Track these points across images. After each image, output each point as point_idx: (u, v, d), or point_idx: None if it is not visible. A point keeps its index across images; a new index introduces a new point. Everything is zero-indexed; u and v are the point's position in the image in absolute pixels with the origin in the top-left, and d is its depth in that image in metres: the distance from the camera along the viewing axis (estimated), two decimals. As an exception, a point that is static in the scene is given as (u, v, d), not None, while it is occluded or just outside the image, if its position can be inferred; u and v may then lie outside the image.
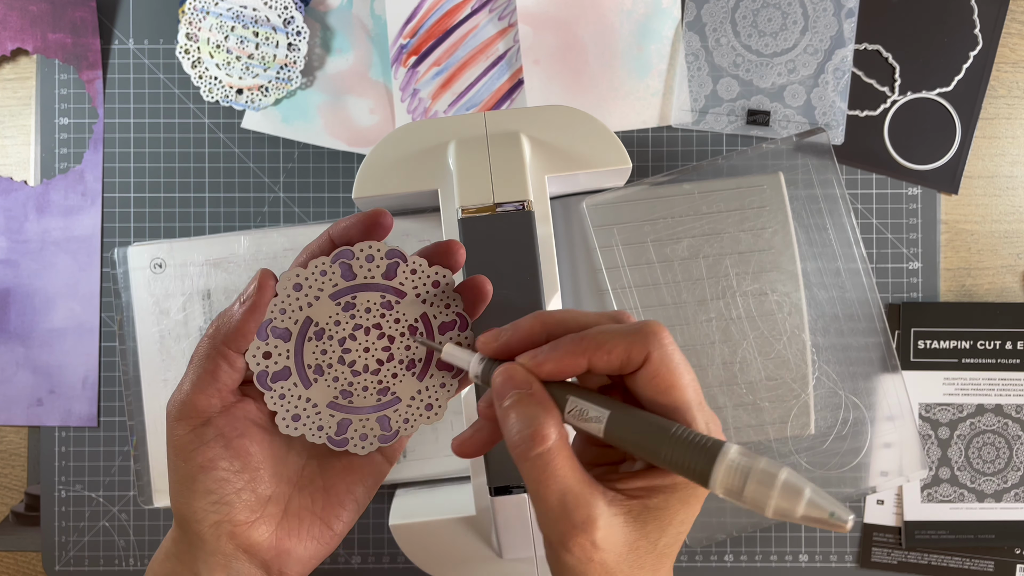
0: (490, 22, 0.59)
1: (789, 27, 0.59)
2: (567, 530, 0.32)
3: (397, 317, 0.37)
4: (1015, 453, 0.59)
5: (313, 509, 0.38)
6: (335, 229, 0.38)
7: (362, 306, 0.37)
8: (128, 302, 0.57)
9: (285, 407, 0.37)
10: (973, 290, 0.60)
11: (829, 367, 0.57)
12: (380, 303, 0.37)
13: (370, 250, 0.37)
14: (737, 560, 0.60)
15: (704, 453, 0.30)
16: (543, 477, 0.32)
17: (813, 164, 0.58)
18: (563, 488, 0.32)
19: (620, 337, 0.32)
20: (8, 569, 0.60)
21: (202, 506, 0.36)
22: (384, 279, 0.37)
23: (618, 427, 0.32)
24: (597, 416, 0.32)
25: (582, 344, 0.32)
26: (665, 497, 0.33)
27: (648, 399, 0.32)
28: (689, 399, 0.32)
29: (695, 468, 0.30)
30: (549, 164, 0.50)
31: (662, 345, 0.32)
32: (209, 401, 0.36)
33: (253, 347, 0.36)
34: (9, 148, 0.61)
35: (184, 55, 0.58)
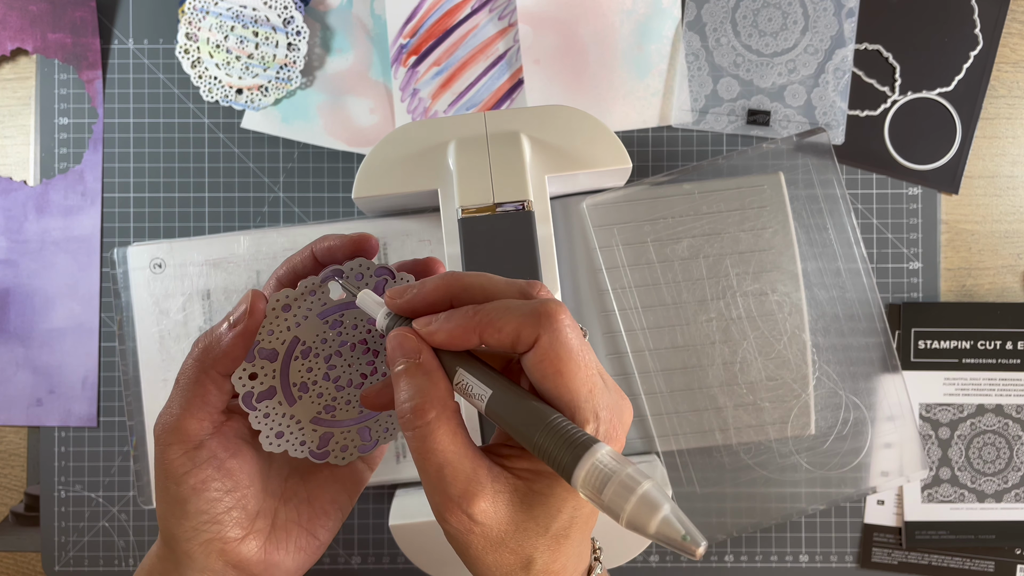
0: (490, 22, 0.59)
1: (789, 27, 0.59)
2: (444, 502, 0.32)
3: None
4: (1015, 453, 0.59)
5: (299, 521, 0.38)
6: (319, 247, 0.37)
7: (349, 323, 0.37)
8: (128, 302, 0.57)
9: (269, 425, 0.37)
10: (973, 290, 0.60)
11: (829, 367, 0.57)
12: (367, 319, 0.37)
13: (360, 268, 0.37)
14: (737, 560, 0.59)
15: (572, 449, 0.29)
16: (422, 448, 0.32)
17: (813, 164, 0.58)
18: (441, 461, 0.31)
19: (513, 315, 0.31)
20: (8, 569, 0.60)
21: (193, 525, 0.36)
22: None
23: (498, 408, 0.31)
24: (480, 394, 0.32)
25: (475, 319, 0.32)
26: (549, 483, 0.32)
27: (536, 382, 0.32)
28: (575, 387, 0.31)
29: (562, 462, 0.30)
30: (549, 164, 0.50)
31: (553, 329, 0.31)
32: (201, 424, 0.36)
33: (239, 369, 0.36)
34: (9, 148, 0.61)
35: (184, 55, 0.58)
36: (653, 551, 0.60)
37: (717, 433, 0.56)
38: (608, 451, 0.29)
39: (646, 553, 0.60)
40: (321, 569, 0.60)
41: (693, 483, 0.57)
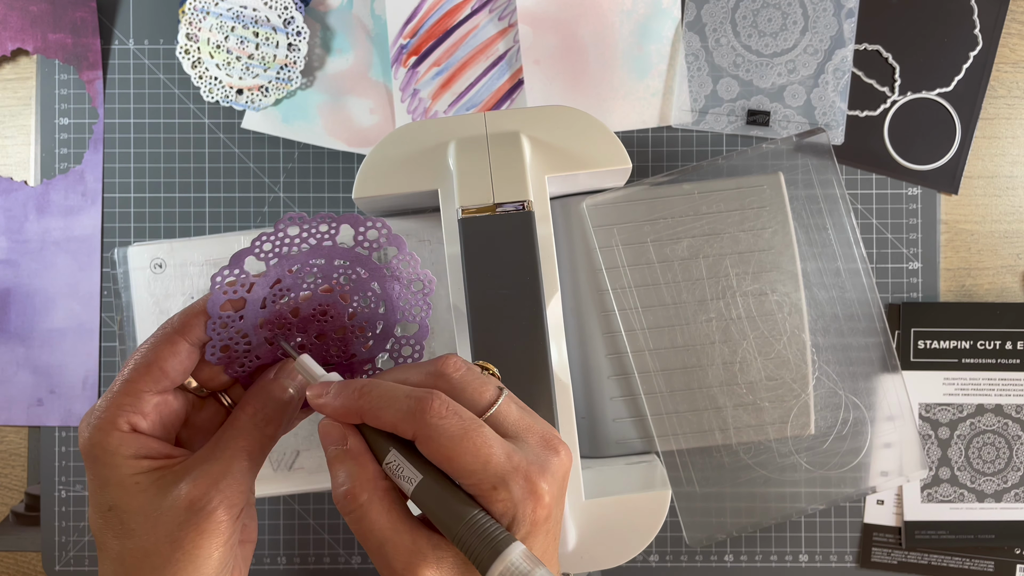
0: (490, 22, 0.59)
1: (789, 27, 0.59)
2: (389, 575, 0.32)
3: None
4: (1015, 453, 0.59)
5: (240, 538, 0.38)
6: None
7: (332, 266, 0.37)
8: (128, 302, 0.57)
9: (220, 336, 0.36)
10: (973, 290, 0.60)
11: (829, 367, 0.57)
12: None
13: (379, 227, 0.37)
14: (737, 560, 0.60)
15: (489, 548, 0.31)
16: (361, 529, 0.33)
17: (813, 164, 0.58)
18: (380, 539, 0.32)
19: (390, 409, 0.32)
20: (8, 569, 0.60)
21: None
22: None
23: (424, 496, 0.33)
24: (409, 478, 0.33)
25: (358, 403, 0.33)
26: None
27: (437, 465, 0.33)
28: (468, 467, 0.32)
29: (479, 559, 0.31)
30: (549, 164, 0.50)
31: (426, 424, 0.32)
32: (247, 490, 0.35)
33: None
34: (9, 148, 0.61)
35: (184, 55, 0.58)
36: (653, 551, 0.60)
37: (717, 433, 0.56)
38: (522, 552, 0.30)
39: (646, 553, 0.60)
40: (321, 569, 0.60)
41: (693, 483, 0.57)
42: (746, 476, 0.57)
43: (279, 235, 0.36)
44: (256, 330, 0.37)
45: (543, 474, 0.33)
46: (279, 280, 0.36)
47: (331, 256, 0.37)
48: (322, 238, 0.36)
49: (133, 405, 0.35)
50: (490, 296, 0.47)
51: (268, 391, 0.36)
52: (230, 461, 0.34)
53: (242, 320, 0.36)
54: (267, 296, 0.36)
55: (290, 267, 0.36)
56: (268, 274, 0.36)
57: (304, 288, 0.37)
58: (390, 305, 0.37)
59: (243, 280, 0.36)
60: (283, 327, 0.37)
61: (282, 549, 0.60)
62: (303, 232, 0.36)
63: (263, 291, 0.36)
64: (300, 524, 0.60)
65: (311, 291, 0.37)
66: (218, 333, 0.36)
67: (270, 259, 0.36)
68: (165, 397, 0.36)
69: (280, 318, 0.37)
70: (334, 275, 0.37)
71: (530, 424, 0.35)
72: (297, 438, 0.55)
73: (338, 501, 0.33)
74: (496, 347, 0.46)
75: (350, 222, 0.36)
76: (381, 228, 0.36)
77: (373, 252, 0.37)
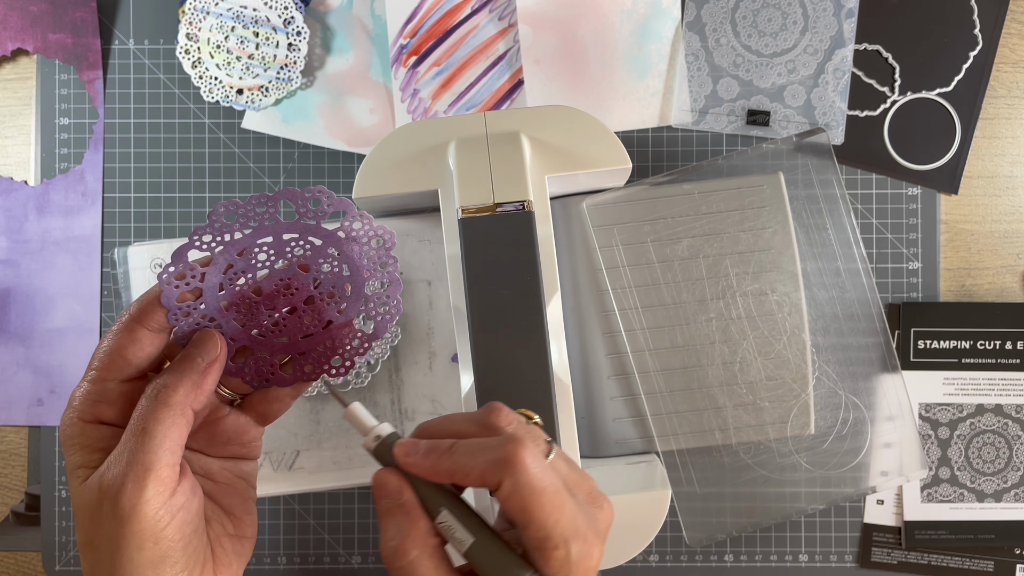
0: (490, 22, 0.59)
1: (789, 27, 0.59)
2: None
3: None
4: (1015, 453, 0.59)
5: (227, 532, 0.38)
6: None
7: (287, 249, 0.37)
8: (128, 302, 0.57)
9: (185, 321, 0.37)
10: (973, 290, 0.60)
11: (829, 367, 0.57)
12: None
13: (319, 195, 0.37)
14: (737, 560, 0.60)
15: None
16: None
17: (813, 164, 0.58)
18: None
19: (478, 462, 0.33)
20: (8, 569, 0.60)
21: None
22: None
23: (476, 556, 0.33)
24: (461, 539, 0.33)
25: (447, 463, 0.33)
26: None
27: (510, 516, 0.33)
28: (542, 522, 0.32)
29: None
30: (549, 164, 0.50)
31: (515, 473, 0.32)
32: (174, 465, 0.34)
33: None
34: (9, 148, 0.61)
35: (184, 55, 0.58)
36: (653, 551, 0.60)
37: (717, 433, 0.56)
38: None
39: (646, 553, 0.60)
40: (321, 569, 0.60)
41: (693, 483, 0.57)
42: (746, 476, 0.57)
43: (215, 225, 0.36)
44: (221, 313, 0.37)
45: (597, 535, 0.34)
46: (231, 265, 0.37)
47: (277, 232, 0.37)
48: (262, 218, 0.36)
49: (98, 395, 0.35)
50: (490, 296, 0.47)
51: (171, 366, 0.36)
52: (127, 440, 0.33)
53: (203, 306, 0.37)
54: (222, 281, 0.37)
55: (238, 251, 0.37)
56: (217, 261, 0.36)
57: (259, 267, 0.37)
58: (353, 266, 0.37)
59: (193, 271, 0.36)
60: (249, 307, 0.37)
61: (282, 549, 0.60)
62: (240, 217, 0.36)
63: (216, 277, 0.37)
64: (300, 524, 0.60)
65: (268, 268, 0.37)
66: (182, 321, 0.36)
67: (214, 248, 0.36)
68: (134, 385, 0.35)
69: (243, 298, 0.37)
70: (286, 249, 0.37)
71: (578, 480, 0.35)
72: (297, 438, 0.55)
73: (387, 555, 0.33)
74: (496, 347, 0.46)
75: (288, 196, 0.37)
76: (321, 194, 0.36)
77: (320, 220, 0.37)
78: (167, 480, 0.33)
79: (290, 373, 0.39)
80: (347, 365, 0.39)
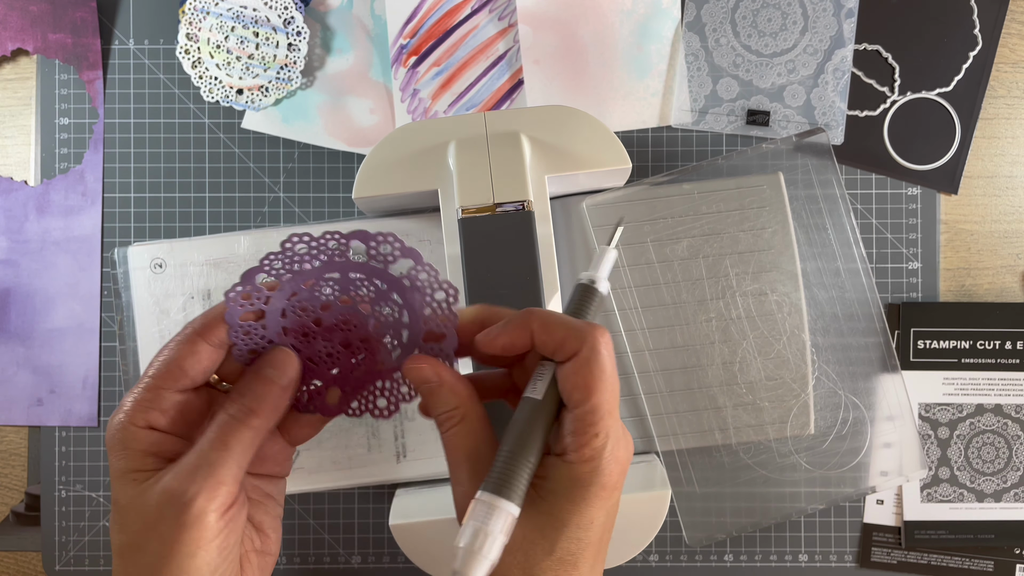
0: (490, 22, 0.59)
1: (789, 27, 0.59)
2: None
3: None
4: (1015, 453, 0.59)
5: (254, 548, 0.38)
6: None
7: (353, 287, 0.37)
8: (128, 302, 0.57)
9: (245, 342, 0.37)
10: (973, 290, 0.60)
11: (829, 367, 0.57)
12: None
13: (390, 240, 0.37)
14: (737, 560, 0.60)
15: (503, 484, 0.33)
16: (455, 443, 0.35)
17: (813, 164, 0.58)
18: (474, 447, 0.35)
19: (563, 325, 0.34)
20: (8, 569, 0.60)
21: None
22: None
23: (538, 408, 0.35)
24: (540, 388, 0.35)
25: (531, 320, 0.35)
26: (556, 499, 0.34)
27: (566, 391, 0.34)
28: (599, 403, 0.34)
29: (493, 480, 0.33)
30: (549, 164, 0.50)
31: (595, 346, 0.34)
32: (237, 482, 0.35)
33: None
34: (9, 148, 0.61)
35: (184, 55, 0.58)
36: (653, 551, 0.60)
37: (717, 433, 0.56)
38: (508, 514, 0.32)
39: (646, 553, 0.60)
40: (321, 569, 0.60)
41: (693, 483, 0.57)
42: (746, 476, 0.57)
43: (287, 254, 0.36)
44: (280, 336, 0.37)
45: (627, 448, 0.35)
46: (295, 293, 0.37)
47: (345, 270, 0.37)
48: (332, 254, 0.37)
49: (152, 402, 0.35)
50: (490, 296, 0.47)
51: (248, 382, 0.36)
52: (205, 453, 0.34)
53: (265, 328, 0.37)
54: (286, 307, 0.37)
55: (305, 281, 0.37)
56: (283, 288, 0.37)
57: (322, 299, 0.37)
58: (413, 314, 0.37)
59: (259, 293, 0.36)
60: (307, 335, 0.38)
61: (282, 549, 0.60)
62: (312, 249, 0.37)
63: (281, 303, 0.37)
64: (300, 524, 0.60)
65: (331, 302, 0.37)
66: (241, 339, 0.37)
67: (282, 275, 0.37)
68: (187, 396, 0.36)
69: (303, 326, 0.37)
70: (351, 287, 0.37)
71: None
72: (297, 438, 0.55)
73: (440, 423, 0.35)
74: (496, 347, 0.46)
75: (360, 238, 0.37)
76: (393, 242, 0.36)
77: (388, 265, 0.37)
78: (234, 495, 0.34)
79: (335, 404, 0.39)
80: (391, 409, 0.39)
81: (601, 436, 0.33)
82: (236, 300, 0.36)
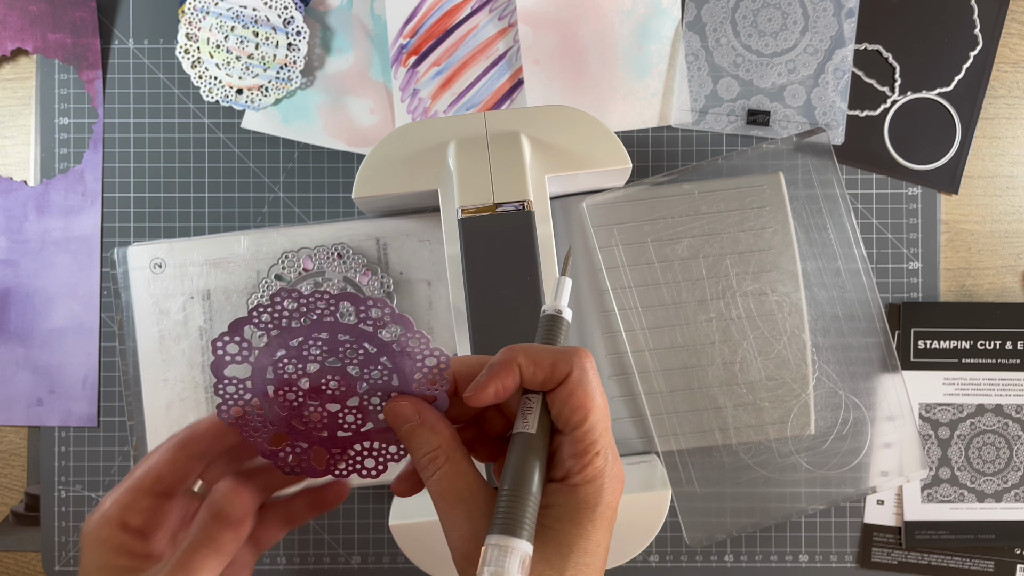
0: (490, 22, 0.59)
1: (789, 27, 0.59)
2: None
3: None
4: (1015, 453, 0.59)
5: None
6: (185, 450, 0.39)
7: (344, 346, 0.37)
8: (128, 302, 0.57)
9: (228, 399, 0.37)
10: (973, 290, 0.60)
11: (829, 367, 0.57)
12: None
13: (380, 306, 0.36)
14: (737, 560, 0.60)
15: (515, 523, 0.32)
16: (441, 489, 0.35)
17: (813, 164, 0.58)
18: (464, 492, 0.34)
19: (550, 352, 0.35)
20: (8, 569, 0.60)
21: None
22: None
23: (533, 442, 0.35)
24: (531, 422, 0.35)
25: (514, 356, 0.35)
26: (557, 517, 0.34)
27: (559, 415, 0.34)
28: (594, 423, 0.34)
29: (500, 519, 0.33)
30: (549, 164, 0.50)
31: (584, 366, 0.34)
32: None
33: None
34: (9, 148, 0.61)
35: (184, 55, 0.58)
36: (653, 551, 0.60)
37: (717, 433, 0.56)
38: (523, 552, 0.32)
39: (646, 553, 0.60)
40: (321, 569, 0.60)
41: (693, 483, 0.57)
42: (746, 476, 0.57)
43: (276, 308, 0.36)
44: (266, 397, 0.37)
45: (621, 465, 0.36)
46: (283, 350, 0.37)
47: (334, 331, 0.36)
48: (322, 314, 0.36)
49: (127, 503, 0.37)
50: (490, 296, 0.47)
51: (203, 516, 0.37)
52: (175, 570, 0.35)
53: (251, 385, 0.37)
54: (271, 365, 0.37)
55: (292, 339, 0.36)
56: (271, 344, 0.36)
57: (310, 360, 0.37)
58: (403, 378, 0.37)
59: (245, 347, 0.36)
60: (294, 396, 0.37)
61: (282, 549, 0.60)
62: (301, 307, 0.36)
63: (267, 360, 0.37)
64: (300, 524, 0.60)
65: (319, 363, 0.37)
66: (228, 394, 0.37)
67: (270, 330, 0.36)
68: (164, 502, 0.38)
69: (290, 386, 0.37)
70: (339, 349, 0.37)
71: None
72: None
73: (422, 467, 0.35)
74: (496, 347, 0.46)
75: (349, 300, 0.36)
76: (383, 307, 0.36)
77: (379, 329, 0.36)
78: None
79: (322, 467, 0.39)
80: (379, 469, 0.38)
81: (602, 454, 0.34)
82: (224, 352, 0.36)
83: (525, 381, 0.35)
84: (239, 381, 0.37)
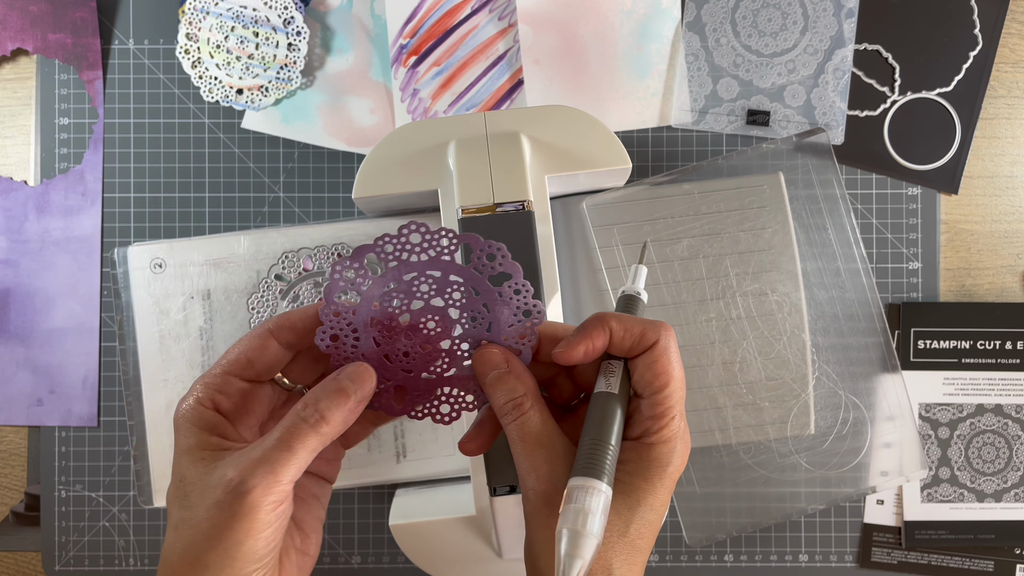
0: (490, 22, 0.59)
1: (789, 27, 0.59)
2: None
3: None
4: (1015, 453, 0.59)
5: (295, 546, 0.39)
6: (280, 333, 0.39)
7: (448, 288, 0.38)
8: (128, 302, 0.57)
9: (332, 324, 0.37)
10: (973, 290, 0.60)
11: (829, 367, 0.57)
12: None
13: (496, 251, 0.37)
14: (737, 560, 0.60)
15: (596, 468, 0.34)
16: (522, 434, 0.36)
17: (813, 164, 0.58)
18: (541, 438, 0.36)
19: (640, 321, 0.36)
20: (8, 569, 0.60)
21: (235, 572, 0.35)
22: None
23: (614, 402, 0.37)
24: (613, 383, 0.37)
25: (609, 319, 0.36)
26: (629, 471, 0.35)
27: (643, 380, 0.36)
28: (674, 389, 0.36)
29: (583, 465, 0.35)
30: (549, 164, 0.50)
31: (669, 336, 0.36)
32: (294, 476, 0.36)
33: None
34: (9, 148, 0.61)
35: (184, 55, 0.58)
36: (653, 551, 0.60)
37: (717, 433, 0.56)
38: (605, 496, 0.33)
39: (646, 553, 0.60)
40: (321, 569, 0.60)
41: (693, 483, 0.57)
42: (746, 476, 0.57)
43: (401, 239, 0.37)
44: (365, 327, 0.37)
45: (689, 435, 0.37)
46: (395, 283, 0.37)
47: (447, 271, 0.37)
48: (441, 251, 0.37)
49: (218, 386, 0.38)
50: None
51: (324, 389, 0.37)
52: (270, 450, 0.35)
53: (355, 314, 0.37)
54: (380, 297, 0.37)
55: (407, 273, 0.37)
56: (385, 276, 0.37)
57: (417, 297, 0.37)
58: (497, 328, 0.38)
59: (361, 275, 0.37)
60: (391, 329, 0.38)
61: (282, 549, 0.60)
62: (424, 242, 0.37)
63: (378, 291, 0.37)
64: (300, 524, 0.60)
65: (424, 302, 0.38)
66: (330, 320, 0.37)
67: (390, 261, 0.37)
68: (252, 387, 0.39)
69: (390, 319, 0.38)
70: (447, 290, 0.37)
71: None
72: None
73: (503, 413, 0.36)
74: (496, 347, 0.46)
75: (471, 241, 0.37)
76: (499, 252, 0.37)
77: (488, 274, 0.37)
78: (287, 492, 0.35)
79: (400, 405, 0.39)
80: (452, 416, 0.39)
81: (677, 419, 0.36)
82: (341, 277, 0.37)
83: (613, 344, 0.36)
84: (344, 307, 0.37)
